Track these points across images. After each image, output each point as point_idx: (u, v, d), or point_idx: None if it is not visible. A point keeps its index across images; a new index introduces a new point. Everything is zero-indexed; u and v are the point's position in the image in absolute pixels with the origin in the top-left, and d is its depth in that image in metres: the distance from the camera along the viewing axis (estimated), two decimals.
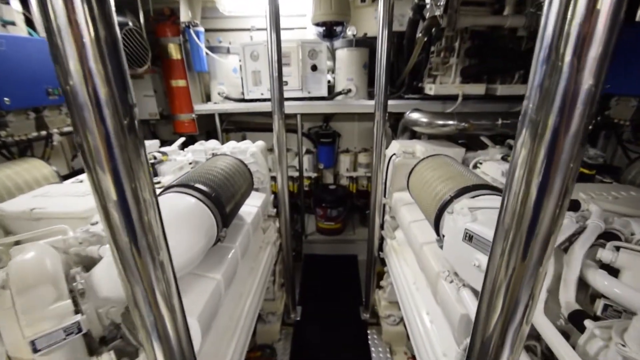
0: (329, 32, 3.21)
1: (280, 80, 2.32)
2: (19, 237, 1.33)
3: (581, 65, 0.49)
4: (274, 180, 2.77)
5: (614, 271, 1.05)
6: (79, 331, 0.98)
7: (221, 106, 3.77)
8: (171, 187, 1.52)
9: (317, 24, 3.21)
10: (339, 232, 4.47)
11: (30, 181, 2.11)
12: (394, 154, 2.61)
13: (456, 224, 1.27)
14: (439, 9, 2.56)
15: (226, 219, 1.58)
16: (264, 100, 3.64)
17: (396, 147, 2.71)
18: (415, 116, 2.94)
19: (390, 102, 2.52)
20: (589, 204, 1.27)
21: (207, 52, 3.54)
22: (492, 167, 2.15)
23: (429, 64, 3.29)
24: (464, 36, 2.97)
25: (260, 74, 3.55)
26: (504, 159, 2.23)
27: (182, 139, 2.97)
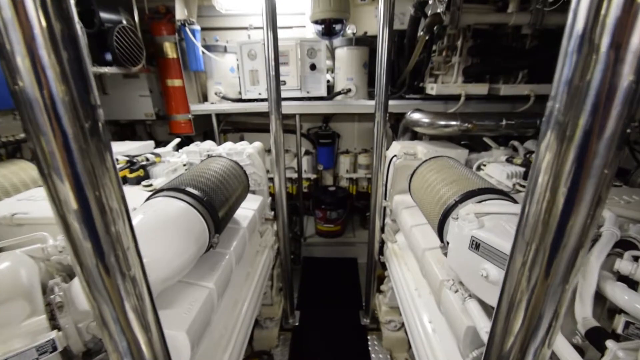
0: (328, 30, 3.14)
1: (277, 79, 2.25)
2: None
3: (620, 57, 0.41)
4: (272, 181, 2.70)
5: (631, 283, 0.98)
6: (54, 350, 0.90)
7: (218, 106, 3.70)
8: (161, 190, 1.44)
9: (316, 22, 3.14)
10: (339, 234, 4.39)
11: (17, 184, 2.03)
12: (395, 156, 2.54)
13: (462, 231, 1.20)
14: (442, 6, 2.48)
15: (219, 224, 1.50)
16: (262, 100, 3.57)
17: (397, 148, 2.63)
18: (416, 116, 2.87)
19: (390, 102, 2.45)
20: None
21: (204, 50, 3.47)
22: (497, 169, 2.07)
23: (431, 63, 3.22)
24: (466, 34, 2.90)
25: (257, 74, 3.47)
26: (509, 160, 2.15)
27: (178, 140, 2.89)
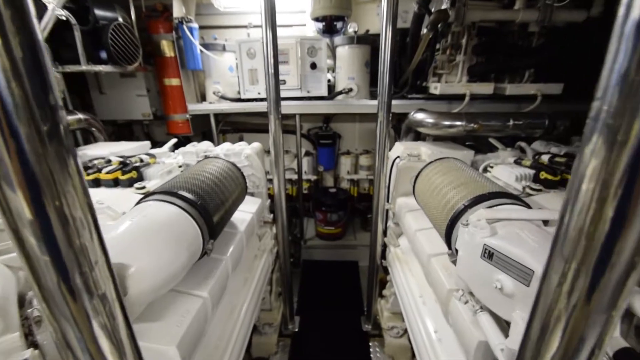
0: (329, 27, 3.06)
1: (276, 77, 2.17)
2: None
3: None
4: (272, 183, 2.62)
5: None
6: None
7: (216, 106, 3.62)
8: (151, 194, 1.36)
9: (317, 19, 3.05)
10: (340, 237, 4.31)
11: None
12: (398, 157, 2.45)
13: (473, 238, 1.11)
14: (447, 2, 2.40)
15: (213, 229, 1.42)
16: (261, 99, 3.49)
17: (400, 149, 2.55)
18: (420, 116, 2.79)
19: (393, 102, 2.37)
20: None
21: (202, 49, 3.39)
22: (505, 171, 1.99)
23: (434, 62, 3.14)
24: (471, 32, 2.82)
25: (257, 73, 3.40)
26: (517, 162, 2.06)
27: (174, 140, 2.82)
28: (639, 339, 0.88)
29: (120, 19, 2.99)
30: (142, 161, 2.13)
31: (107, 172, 1.89)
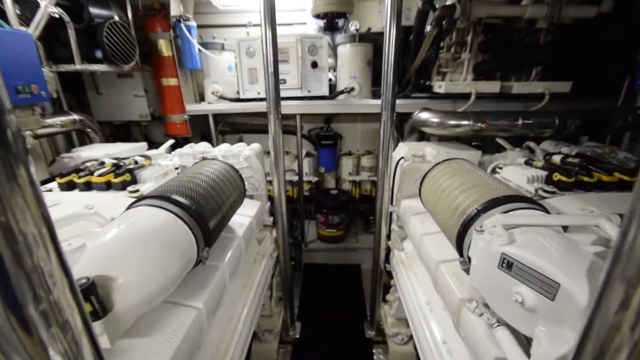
0: (331, 24, 2.97)
1: (276, 75, 2.08)
2: None
3: None
4: (272, 185, 2.53)
5: None
6: None
7: (215, 106, 3.54)
8: (143, 199, 1.28)
9: (318, 16, 2.97)
10: (341, 239, 4.22)
11: None
12: (402, 158, 2.37)
13: (489, 246, 1.02)
14: None
15: (209, 235, 1.33)
16: (261, 99, 3.41)
17: (404, 149, 2.47)
18: (424, 116, 2.70)
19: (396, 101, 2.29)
20: None
21: (200, 48, 3.31)
22: (515, 172, 1.90)
23: (438, 60, 3.06)
24: (476, 29, 2.73)
25: (256, 72, 3.31)
26: (528, 163, 1.97)
27: (171, 141, 2.74)
28: None
29: (116, 17, 2.92)
30: (136, 163, 2.05)
31: (99, 175, 1.81)
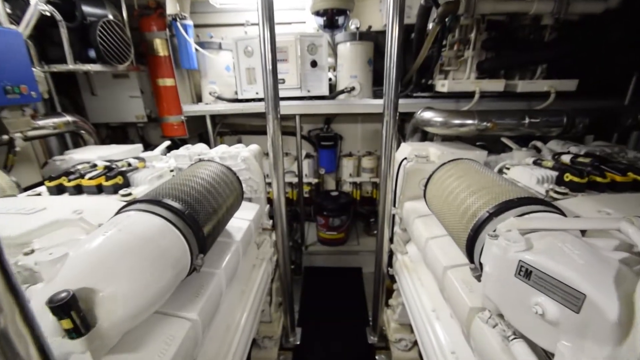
0: (330, 22, 2.91)
1: (274, 74, 2.01)
2: None
3: None
4: (271, 187, 2.46)
5: None
6: None
7: (212, 107, 3.46)
8: (133, 203, 1.20)
9: (317, 13, 2.90)
10: (342, 242, 4.15)
11: None
12: (405, 158, 2.30)
13: (505, 253, 0.95)
14: None
15: (204, 242, 1.26)
16: (259, 100, 3.34)
17: (407, 150, 2.39)
18: (427, 115, 2.63)
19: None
20: None
21: (197, 47, 3.24)
22: (524, 173, 1.82)
23: (441, 58, 2.99)
24: (480, 26, 2.67)
25: (254, 72, 3.25)
26: (537, 163, 1.90)
27: (167, 143, 2.65)
28: None
29: (110, 16, 2.85)
30: (129, 165, 1.97)
31: (90, 178, 1.73)
